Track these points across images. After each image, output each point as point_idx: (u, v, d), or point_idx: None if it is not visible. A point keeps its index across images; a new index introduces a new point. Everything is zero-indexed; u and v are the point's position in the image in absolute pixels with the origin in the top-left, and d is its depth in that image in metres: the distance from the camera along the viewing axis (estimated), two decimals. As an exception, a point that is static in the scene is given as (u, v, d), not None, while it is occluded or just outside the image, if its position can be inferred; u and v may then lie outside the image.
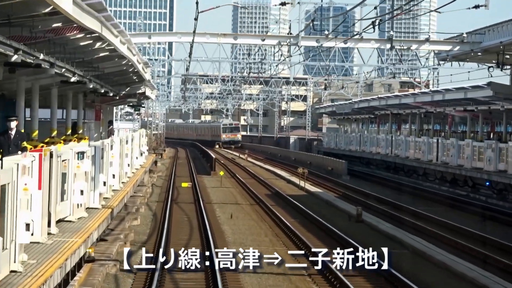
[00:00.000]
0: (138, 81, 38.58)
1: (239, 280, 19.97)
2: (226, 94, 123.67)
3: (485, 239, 28.06)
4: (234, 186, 50.46)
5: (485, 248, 25.74)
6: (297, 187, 49.55)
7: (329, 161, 66.39)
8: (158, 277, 18.42)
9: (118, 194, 24.28)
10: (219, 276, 18.67)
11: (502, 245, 26.47)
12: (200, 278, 19.75)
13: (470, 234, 29.10)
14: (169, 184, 49.11)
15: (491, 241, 27.48)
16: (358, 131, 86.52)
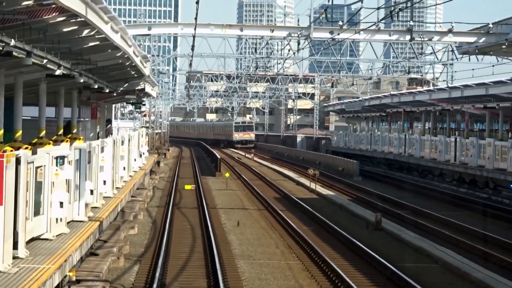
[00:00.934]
0: (137, 76, 35.75)
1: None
2: (232, 92, 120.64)
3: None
4: (240, 188, 47.60)
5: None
6: (307, 189, 46.67)
7: (340, 161, 63.50)
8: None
9: (110, 202, 21.42)
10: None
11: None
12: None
13: (506, 246, 26.14)
14: (171, 186, 46.28)
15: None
16: (368, 129, 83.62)
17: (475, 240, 27.16)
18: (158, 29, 33.05)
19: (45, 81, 26.48)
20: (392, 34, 33.92)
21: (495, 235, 27.72)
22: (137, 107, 49.27)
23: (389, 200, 40.79)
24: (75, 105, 34.17)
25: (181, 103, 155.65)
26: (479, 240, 27.20)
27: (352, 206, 36.64)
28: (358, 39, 39.08)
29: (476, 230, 29.34)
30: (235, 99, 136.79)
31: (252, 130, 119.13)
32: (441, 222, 32.17)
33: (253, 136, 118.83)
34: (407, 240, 26.59)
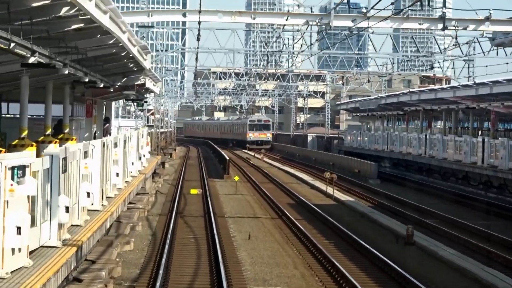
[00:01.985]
0: (136, 70, 32.09)
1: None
2: (240, 90, 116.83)
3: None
4: (250, 192, 43.90)
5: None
6: (324, 194, 42.95)
7: (355, 162, 59.72)
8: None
9: (96, 218, 17.76)
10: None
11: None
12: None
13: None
14: (176, 190, 42.65)
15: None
16: (382, 128, 79.86)
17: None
18: (160, 16, 29.33)
19: (27, 73, 22.84)
20: (422, 23, 30.14)
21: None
22: (139, 105, 45.56)
23: (414, 207, 37.04)
24: (67, 101, 30.57)
25: (189, 101, 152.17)
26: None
27: (376, 215, 32.89)
28: (384, 28, 35.37)
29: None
30: (244, 97, 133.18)
31: (269, 130, 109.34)
32: (479, 235, 28.41)
33: (269, 136, 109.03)
34: (445, 258, 22.85)
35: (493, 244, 26.18)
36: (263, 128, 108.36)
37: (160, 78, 39.87)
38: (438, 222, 31.38)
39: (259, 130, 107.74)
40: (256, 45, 62.38)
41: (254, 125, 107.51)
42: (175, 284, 19.00)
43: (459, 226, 30.46)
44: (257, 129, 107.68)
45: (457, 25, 30.16)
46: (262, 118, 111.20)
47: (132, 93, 32.62)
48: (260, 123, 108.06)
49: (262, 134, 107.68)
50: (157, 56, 52.29)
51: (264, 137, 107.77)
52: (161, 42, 51.06)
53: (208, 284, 19.21)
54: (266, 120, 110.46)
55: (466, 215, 34.24)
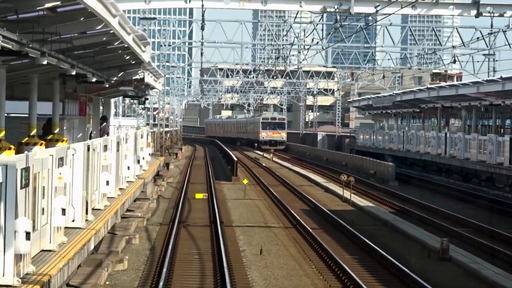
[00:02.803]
0: (134, 63, 28.84)
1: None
2: (248, 87, 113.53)
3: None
4: (260, 196, 40.63)
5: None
6: (340, 199, 39.68)
7: (371, 163, 56.38)
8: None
9: (75, 240, 14.51)
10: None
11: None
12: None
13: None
14: (179, 195, 39.45)
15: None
16: (396, 127, 76.56)
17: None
18: (159, 2, 26.09)
19: (4, 66, 19.63)
20: (453, 8, 26.84)
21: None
22: (141, 102, 42.35)
23: (442, 213, 33.71)
24: (57, 98, 27.33)
25: (196, 99, 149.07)
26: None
27: (401, 223, 29.58)
28: (411, 15, 32.09)
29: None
30: (252, 95, 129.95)
31: (284, 129, 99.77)
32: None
33: (284, 136, 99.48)
34: (492, 279, 19.55)
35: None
36: (277, 126, 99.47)
37: (162, 73, 36.59)
38: (472, 232, 28.06)
39: (273, 129, 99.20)
40: (265, 39, 59.15)
41: (267, 124, 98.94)
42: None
43: (497, 238, 27.13)
44: (271, 128, 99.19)
45: (492, 11, 26.88)
46: (276, 116, 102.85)
47: (130, 89, 29.38)
48: (274, 121, 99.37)
49: (276, 133, 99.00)
50: (160, 49, 49.07)
51: (278, 136, 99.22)
52: (164, 36, 47.73)
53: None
54: (280, 118, 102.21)
55: (503, 223, 30.89)
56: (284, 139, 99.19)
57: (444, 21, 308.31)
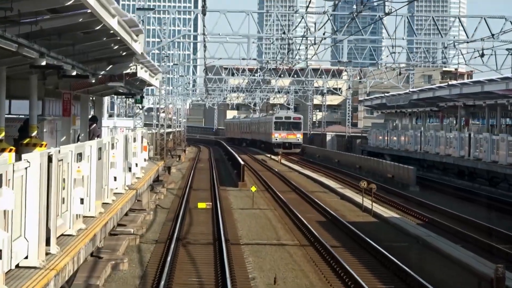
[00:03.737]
0: (124, 55, 24.76)
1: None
2: (254, 86, 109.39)
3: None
4: (270, 205, 36.52)
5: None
6: (359, 208, 35.57)
7: (388, 166, 52.22)
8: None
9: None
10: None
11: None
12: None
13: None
14: (180, 203, 35.40)
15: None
16: (411, 126, 72.45)
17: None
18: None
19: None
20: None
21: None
22: (138, 101, 38.24)
23: (478, 226, 29.56)
24: (35, 96, 23.35)
25: (201, 99, 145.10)
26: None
27: (435, 240, 25.44)
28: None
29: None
30: (258, 94, 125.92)
31: (300, 129, 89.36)
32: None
33: (300, 138, 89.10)
34: None
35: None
36: (292, 127, 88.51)
37: (159, 68, 32.45)
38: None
39: (287, 130, 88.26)
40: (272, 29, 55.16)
41: (281, 123, 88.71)
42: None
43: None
44: (285, 128, 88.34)
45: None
46: (291, 115, 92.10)
47: (120, 85, 25.29)
48: (289, 121, 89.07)
49: (291, 134, 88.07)
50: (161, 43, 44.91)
51: (294, 138, 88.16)
52: (165, 30, 43.67)
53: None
54: (296, 117, 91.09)
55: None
56: (300, 142, 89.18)
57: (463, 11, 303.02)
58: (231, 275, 19.13)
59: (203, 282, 19.03)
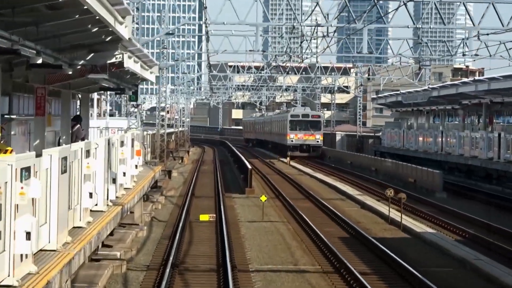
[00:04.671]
0: (108, 41, 20.27)
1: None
2: (260, 84, 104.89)
3: None
4: (282, 217, 31.99)
5: None
6: (384, 219, 31.04)
7: (410, 169, 47.66)
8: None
9: None
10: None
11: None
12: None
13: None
14: (180, 215, 30.94)
15: None
16: (428, 126, 67.96)
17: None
18: None
19: None
20: None
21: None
22: (132, 98, 33.71)
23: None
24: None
25: (205, 97, 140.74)
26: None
27: (487, 265, 20.88)
28: None
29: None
30: (264, 92, 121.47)
31: (319, 129, 77.34)
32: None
33: (319, 139, 77.20)
34: None
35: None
36: (310, 126, 76.60)
37: (155, 60, 27.93)
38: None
39: (305, 130, 76.41)
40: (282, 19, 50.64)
41: (298, 122, 77.06)
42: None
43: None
44: (302, 128, 76.52)
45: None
46: (309, 112, 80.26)
47: (102, 77, 20.80)
48: (306, 119, 77.30)
49: (308, 135, 76.14)
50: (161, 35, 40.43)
51: (312, 139, 76.14)
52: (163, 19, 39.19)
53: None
54: (315, 115, 79.49)
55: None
56: (319, 144, 77.28)
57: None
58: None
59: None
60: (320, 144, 77.34)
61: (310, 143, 76.30)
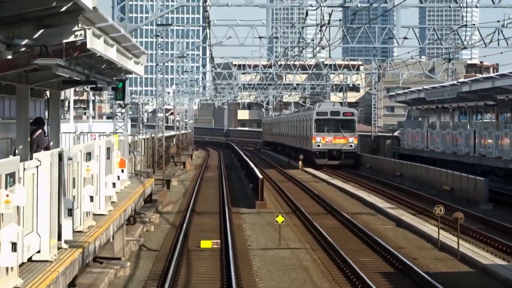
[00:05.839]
0: (63, 12, 14.09)
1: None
2: (267, 83, 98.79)
3: None
4: (304, 241, 25.71)
5: None
6: (432, 244, 24.77)
7: (444, 174, 41.40)
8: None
9: None
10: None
11: None
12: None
13: None
14: (175, 239, 24.78)
15: None
16: (452, 124, 61.65)
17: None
18: None
19: None
20: None
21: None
22: (118, 96, 27.42)
23: None
24: None
25: (210, 98, 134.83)
26: None
27: None
28: None
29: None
30: (271, 91, 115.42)
31: (353, 131, 62.83)
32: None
33: (353, 143, 62.45)
34: None
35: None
36: (341, 126, 61.71)
37: (141, 47, 21.80)
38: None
39: (335, 131, 61.58)
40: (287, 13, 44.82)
41: (325, 122, 62.41)
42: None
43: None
44: (331, 129, 61.69)
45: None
46: (340, 109, 64.96)
47: (54, 63, 14.65)
48: (336, 118, 62.44)
49: (340, 138, 61.29)
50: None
51: (344, 143, 61.23)
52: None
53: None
54: (347, 112, 64.06)
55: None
56: (353, 149, 62.62)
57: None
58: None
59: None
60: (355, 149, 62.93)
61: (342, 148, 61.53)
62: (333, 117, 62.48)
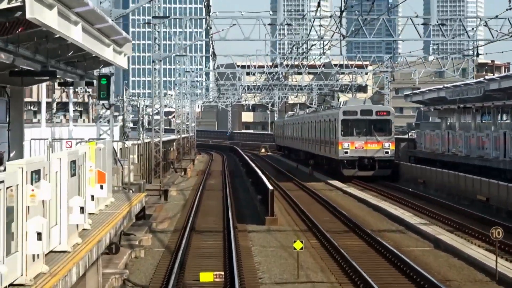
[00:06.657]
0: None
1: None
2: (272, 84, 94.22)
3: None
4: (327, 271, 20.91)
5: None
6: (487, 275, 19.98)
7: (478, 182, 36.62)
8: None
9: None
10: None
11: None
12: None
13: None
14: (170, 269, 20.07)
15: None
16: (474, 126, 56.80)
17: None
18: None
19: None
20: None
21: None
22: (102, 96, 22.66)
23: None
24: None
25: (213, 100, 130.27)
26: None
27: None
28: None
29: None
30: (276, 93, 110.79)
31: (390, 134, 51.63)
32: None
33: (390, 150, 51.05)
34: None
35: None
36: (375, 128, 50.80)
37: (124, 33, 17.09)
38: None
39: (367, 135, 50.45)
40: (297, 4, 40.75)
41: (355, 123, 51.38)
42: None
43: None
44: (361, 132, 50.64)
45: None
46: (373, 107, 53.11)
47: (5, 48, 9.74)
48: (368, 118, 51.30)
49: (373, 143, 50.20)
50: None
51: (379, 149, 50.15)
52: None
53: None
54: (381, 111, 52.76)
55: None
56: (390, 156, 51.29)
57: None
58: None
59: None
60: (391, 157, 51.65)
61: (375, 155, 50.36)
62: (364, 117, 51.32)
